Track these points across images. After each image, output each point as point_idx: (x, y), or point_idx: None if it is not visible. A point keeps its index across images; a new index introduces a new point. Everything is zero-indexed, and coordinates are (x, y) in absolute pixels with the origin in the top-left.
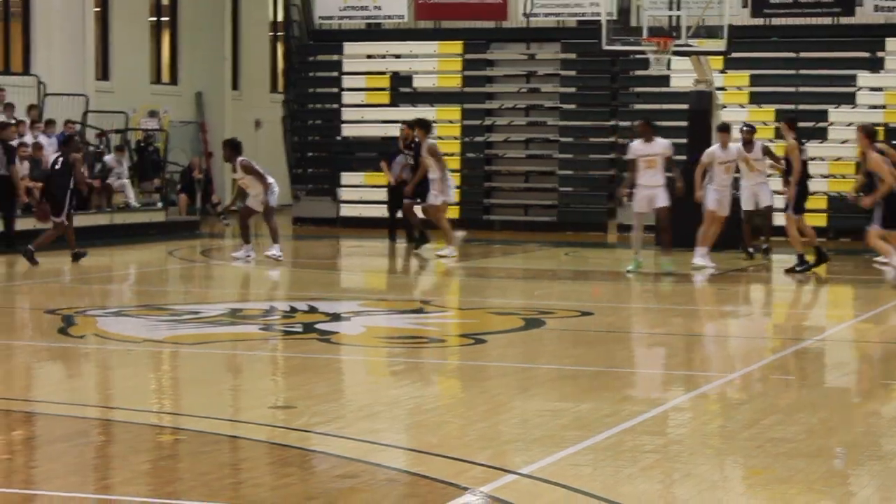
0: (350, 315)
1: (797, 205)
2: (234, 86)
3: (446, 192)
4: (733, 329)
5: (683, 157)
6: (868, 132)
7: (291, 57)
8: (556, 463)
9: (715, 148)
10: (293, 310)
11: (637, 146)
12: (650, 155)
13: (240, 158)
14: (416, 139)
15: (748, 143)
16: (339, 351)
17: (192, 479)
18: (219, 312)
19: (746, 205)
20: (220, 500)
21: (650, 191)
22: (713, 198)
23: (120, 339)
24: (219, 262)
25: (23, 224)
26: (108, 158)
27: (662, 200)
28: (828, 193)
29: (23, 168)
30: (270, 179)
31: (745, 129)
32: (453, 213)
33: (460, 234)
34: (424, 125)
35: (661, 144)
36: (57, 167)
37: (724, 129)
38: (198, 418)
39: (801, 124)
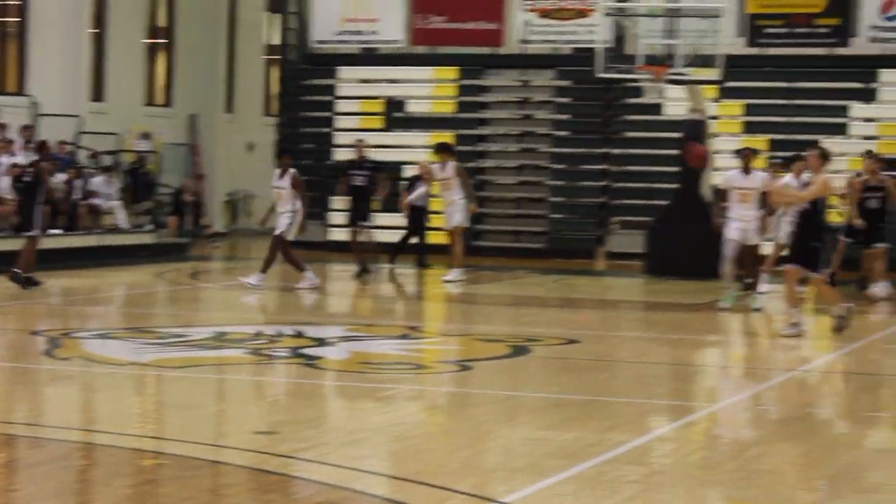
0: (336, 340)
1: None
2: (228, 108)
3: (466, 215)
4: (719, 359)
5: (675, 186)
6: (823, 154)
7: (286, 80)
8: (539, 492)
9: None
10: (279, 334)
11: (735, 177)
12: (748, 189)
13: (292, 170)
14: (367, 157)
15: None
16: (324, 376)
17: (173, 503)
18: (205, 336)
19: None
20: None
21: (744, 223)
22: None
23: (105, 362)
24: (207, 286)
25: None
26: (96, 180)
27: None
28: None
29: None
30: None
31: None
32: (444, 238)
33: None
34: (448, 148)
35: (761, 178)
36: (28, 179)
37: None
38: (181, 443)
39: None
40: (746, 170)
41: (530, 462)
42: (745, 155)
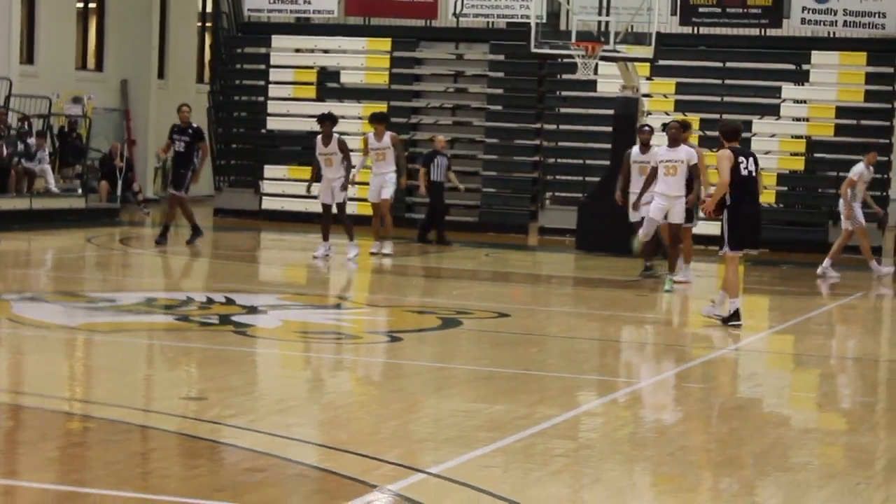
0: (267, 308)
1: None
2: (161, 75)
3: (395, 189)
4: (649, 336)
5: (608, 163)
6: (723, 130)
7: (219, 48)
8: (467, 463)
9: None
10: (210, 301)
11: (661, 151)
12: (674, 161)
13: (337, 135)
14: (193, 123)
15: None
16: (254, 344)
17: (100, 467)
18: (135, 301)
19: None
20: (129, 489)
21: (667, 201)
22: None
23: (34, 325)
24: (138, 251)
25: None
26: (32, 141)
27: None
28: None
29: None
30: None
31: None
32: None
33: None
34: (385, 118)
35: (687, 152)
36: None
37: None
38: (109, 406)
39: None
40: (673, 142)
41: (459, 433)
42: (673, 127)
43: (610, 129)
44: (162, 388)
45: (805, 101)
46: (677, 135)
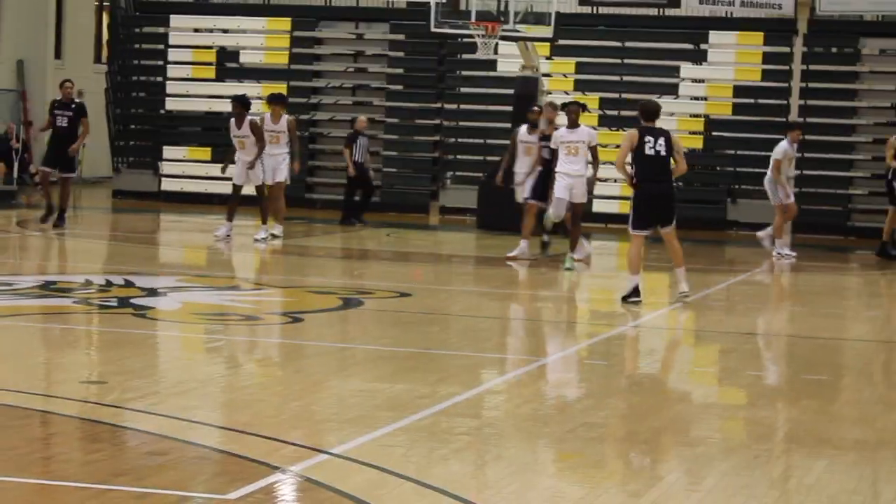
0: (167, 290)
1: None
2: (57, 55)
3: (289, 173)
4: (550, 314)
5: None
6: (641, 109)
7: (116, 28)
8: (370, 443)
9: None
10: (109, 283)
11: (562, 133)
12: (575, 142)
13: (249, 116)
14: (73, 98)
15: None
16: (154, 326)
17: None
18: (32, 284)
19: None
20: (29, 475)
21: (571, 179)
22: None
23: None
24: (35, 234)
25: None
26: None
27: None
28: None
29: None
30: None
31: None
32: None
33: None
34: (283, 100)
35: (587, 132)
36: None
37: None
38: (7, 392)
39: (625, 113)
40: (573, 124)
41: (361, 413)
42: (572, 110)
43: (510, 108)
44: (61, 372)
45: (703, 81)
46: (577, 116)
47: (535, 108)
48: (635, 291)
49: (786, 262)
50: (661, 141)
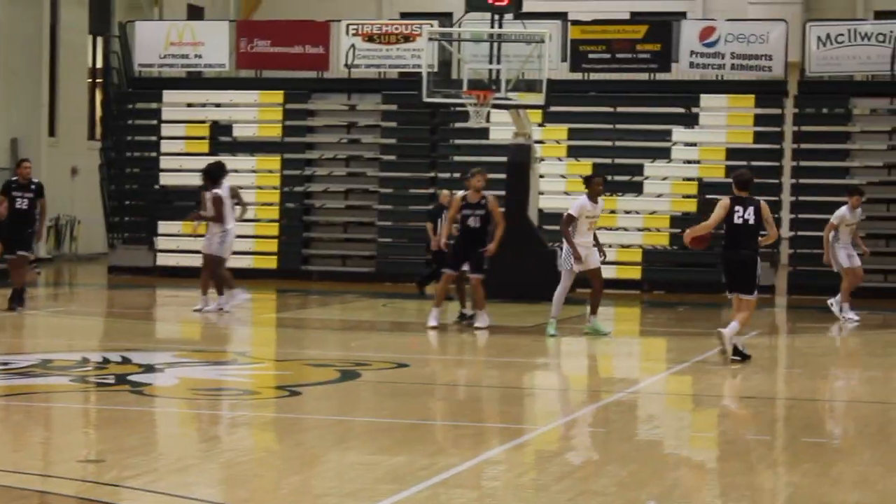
0: (164, 366)
1: None
2: (51, 132)
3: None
4: (547, 381)
5: (503, 209)
6: (735, 179)
7: (110, 104)
8: None
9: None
10: (106, 361)
11: (585, 204)
12: (596, 217)
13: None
14: (31, 178)
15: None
16: (151, 403)
17: None
18: (30, 363)
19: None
20: None
21: (587, 250)
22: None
23: None
24: (31, 312)
25: None
26: None
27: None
28: (642, 246)
29: None
30: (229, 225)
31: None
32: (272, 262)
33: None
34: (211, 174)
35: (600, 206)
36: None
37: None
38: (5, 473)
39: (618, 178)
40: (596, 196)
41: (361, 486)
42: (597, 182)
43: (504, 176)
44: (59, 451)
45: (695, 144)
46: (601, 189)
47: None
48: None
49: (850, 326)
50: (751, 210)
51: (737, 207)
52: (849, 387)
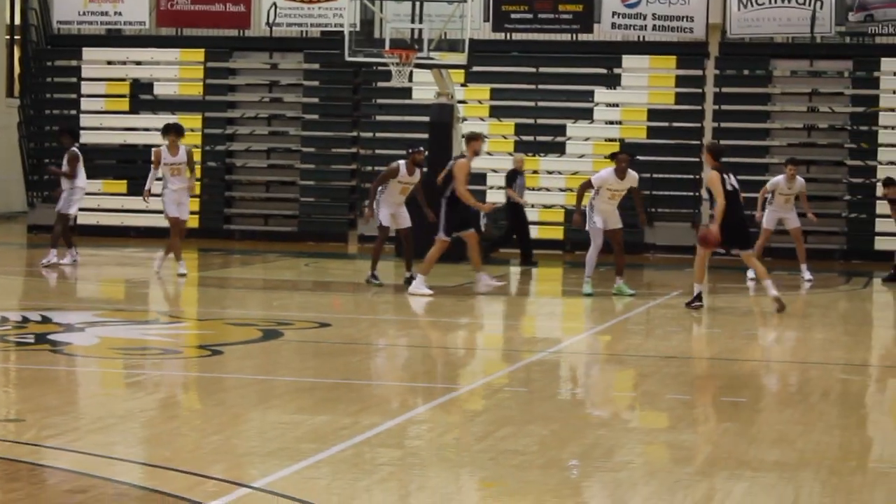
0: (84, 325)
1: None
2: None
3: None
4: (469, 341)
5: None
6: (713, 150)
7: (28, 62)
8: (292, 476)
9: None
10: (25, 320)
11: (608, 177)
12: (620, 191)
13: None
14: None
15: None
16: (71, 362)
17: None
18: None
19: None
20: None
21: (606, 214)
22: None
23: None
24: None
25: None
26: None
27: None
28: (564, 207)
29: None
30: (80, 183)
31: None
32: (194, 221)
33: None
34: (179, 130)
35: (635, 178)
36: None
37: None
38: None
39: (540, 138)
40: (622, 173)
41: (283, 445)
42: (622, 159)
43: (426, 135)
44: None
45: (617, 105)
46: (626, 166)
47: (420, 149)
48: (698, 298)
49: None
50: (732, 176)
51: (724, 177)
52: (768, 346)
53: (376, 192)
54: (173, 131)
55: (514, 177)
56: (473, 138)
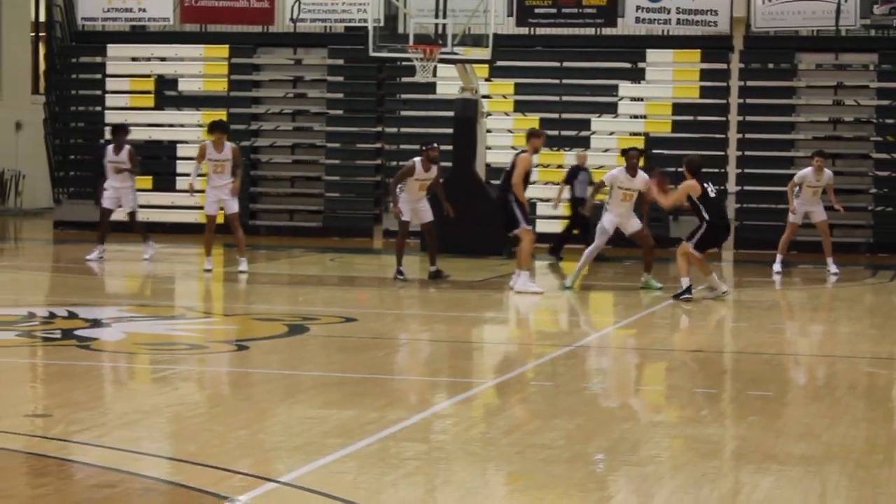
0: (110, 321)
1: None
2: None
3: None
4: (496, 335)
5: (449, 164)
6: (690, 166)
7: (53, 59)
8: (318, 470)
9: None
10: (52, 315)
11: (619, 175)
12: (632, 190)
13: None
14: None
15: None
16: (98, 358)
17: None
18: None
19: None
20: None
21: (620, 218)
22: None
23: None
24: None
25: None
26: None
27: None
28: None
29: None
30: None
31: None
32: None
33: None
34: (224, 127)
35: (645, 181)
36: None
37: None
38: None
39: (565, 133)
40: (633, 170)
41: (309, 440)
42: (633, 156)
43: (450, 130)
44: (5, 406)
45: (642, 99)
46: (637, 163)
47: (434, 145)
48: (687, 290)
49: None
50: (711, 185)
51: (704, 185)
52: (794, 340)
53: (396, 189)
54: (219, 128)
55: (576, 172)
56: (535, 135)
